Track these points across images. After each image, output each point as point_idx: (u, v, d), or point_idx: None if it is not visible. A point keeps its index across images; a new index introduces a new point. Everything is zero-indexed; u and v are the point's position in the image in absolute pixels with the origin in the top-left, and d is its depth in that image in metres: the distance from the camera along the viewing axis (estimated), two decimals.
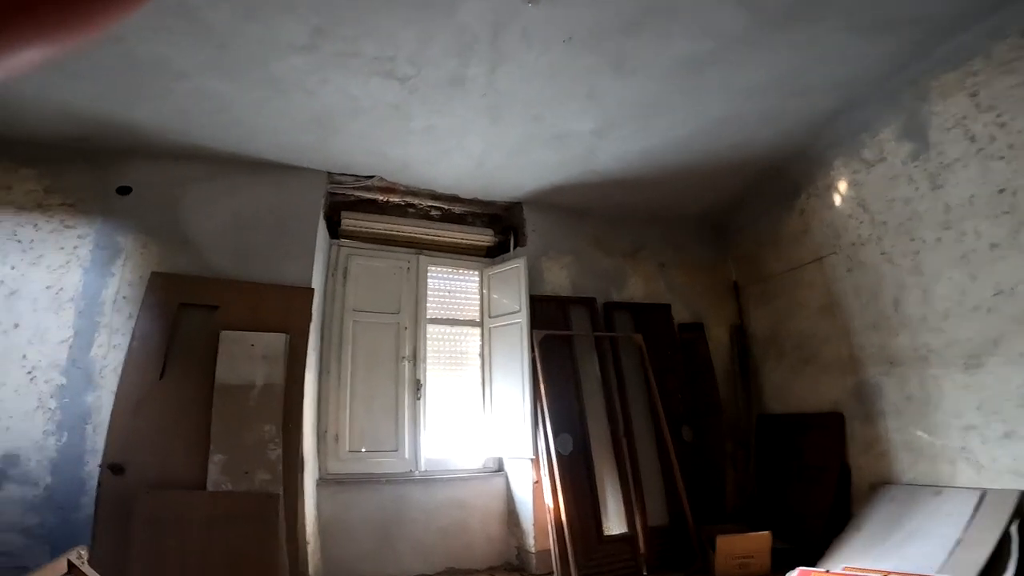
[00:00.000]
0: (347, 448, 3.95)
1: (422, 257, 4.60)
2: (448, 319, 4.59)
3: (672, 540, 3.98)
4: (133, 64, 2.72)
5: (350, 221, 4.29)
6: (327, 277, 4.18)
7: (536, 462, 3.94)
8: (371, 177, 4.14)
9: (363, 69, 2.94)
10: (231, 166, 3.72)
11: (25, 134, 3.26)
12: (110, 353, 3.25)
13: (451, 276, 4.72)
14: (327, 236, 4.18)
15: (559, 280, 4.61)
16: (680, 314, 4.97)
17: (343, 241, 4.34)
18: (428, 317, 4.47)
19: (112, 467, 2.97)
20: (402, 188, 4.36)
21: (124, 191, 3.48)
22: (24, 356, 3.13)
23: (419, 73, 3.01)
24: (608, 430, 4.16)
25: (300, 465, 3.30)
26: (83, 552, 2.10)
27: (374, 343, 4.21)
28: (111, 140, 3.37)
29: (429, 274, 4.59)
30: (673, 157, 4.13)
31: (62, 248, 3.28)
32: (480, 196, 4.62)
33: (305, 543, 3.21)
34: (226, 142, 3.53)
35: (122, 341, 3.26)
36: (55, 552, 2.96)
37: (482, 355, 4.53)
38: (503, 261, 4.59)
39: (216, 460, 3.06)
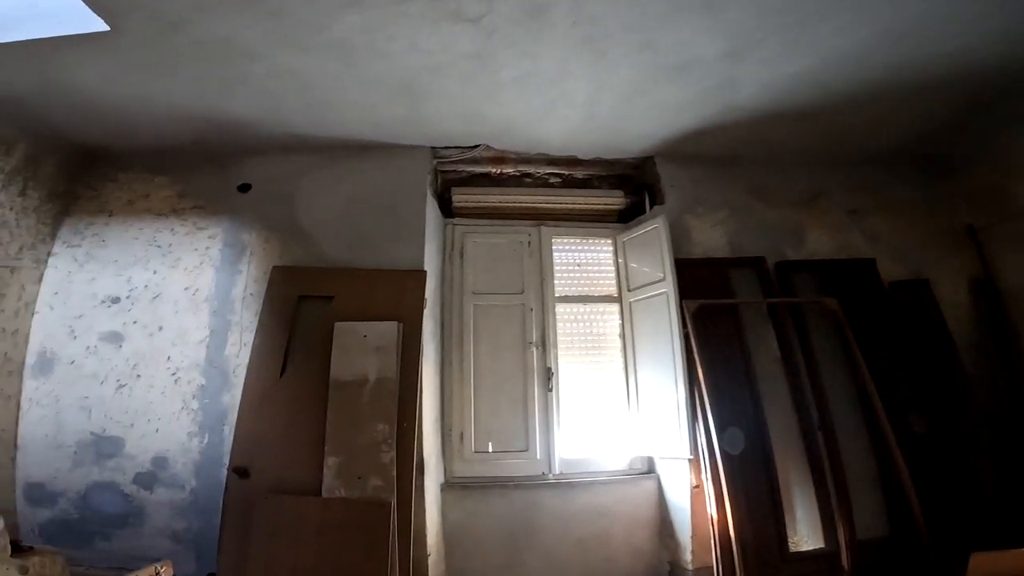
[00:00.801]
0: (472, 448, 3.50)
1: (544, 228, 3.99)
2: (580, 296, 3.92)
3: (894, 557, 2.92)
4: (202, 50, 2.55)
5: (462, 197, 3.86)
6: (443, 260, 3.80)
7: (695, 463, 3.12)
8: (476, 147, 3.68)
9: (427, 14, 2.43)
10: (337, 152, 3.53)
11: (154, 143, 3.36)
12: (242, 351, 3.20)
13: (580, 247, 4.05)
14: (439, 216, 3.81)
15: (712, 240, 3.70)
16: (889, 270, 3.71)
17: (456, 220, 3.93)
18: (556, 295, 3.85)
19: (237, 470, 2.86)
20: (512, 156, 3.84)
21: (244, 188, 3.46)
22: (168, 358, 3.21)
23: (490, 8, 2.43)
24: (795, 421, 3.16)
25: (418, 468, 2.92)
26: (161, 569, 1.88)
27: (497, 328, 3.71)
28: (224, 139, 3.34)
29: (554, 247, 3.97)
30: (847, 78, 3.00)
31: (196, 249, 3.33)
32: (602, 154, 3.91)
33: (425, 555, 2.81)
34: (324, 127, 3.32)
35: (252, 339, 3.19)
36: (201, 559, 2.94)
37: (623, 335, 3.79)
38: (638, 224, 3.81)
39: (330, 464, 2.80)
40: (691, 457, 3.10)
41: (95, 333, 3.22)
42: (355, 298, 3.19)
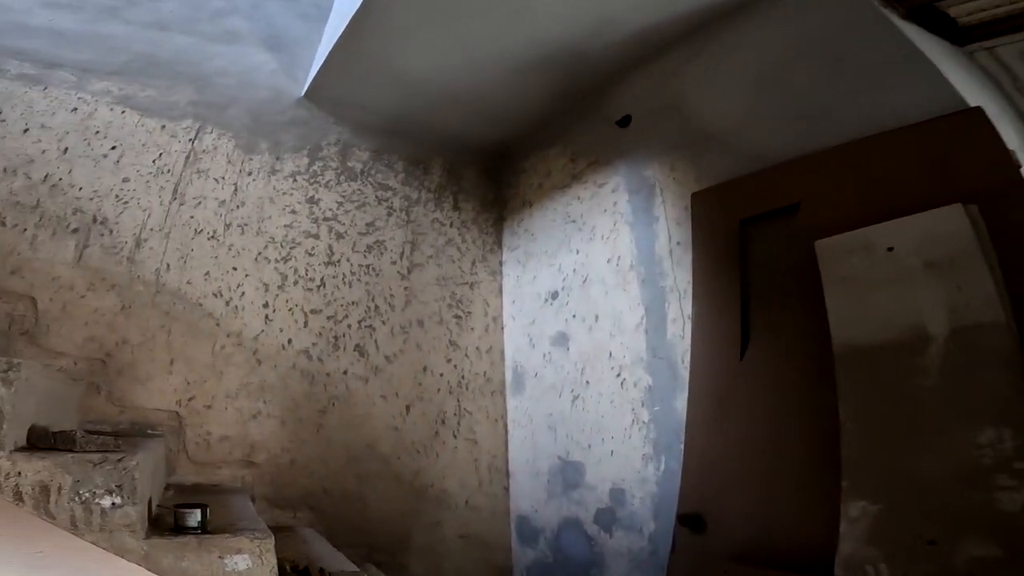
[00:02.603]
0: None
1: None
2: None
3: None
4: None
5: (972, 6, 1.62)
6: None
7: None
8: None
9: None
10: (708, 28, 2.05)
11: (535, 116, 2.74)
12: (686, 329, 2.04)
13: None
14: (939, 44, 1.67)
15: None
16: None
17: (984, 43, 1.66)
18: None
19: (685, 519, 1.64)
20: None
21: (624, 122, 2.42)
22: (610, 354, 2.36)
23: None
24: None
25: None
26: None
27: None
28: (576, 76, 2.41)
29: None
30: None
31: (604, 210, 2.47)
32: None
33: None
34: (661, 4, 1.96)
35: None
36: None
37: None
38: None
39: (855, 513, 1.21)
40: None
41: (546, 337, 2.74)
42: (838, 192, 1.57)
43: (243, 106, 2.50)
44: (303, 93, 2.56)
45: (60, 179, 2.15)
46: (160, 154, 2.33)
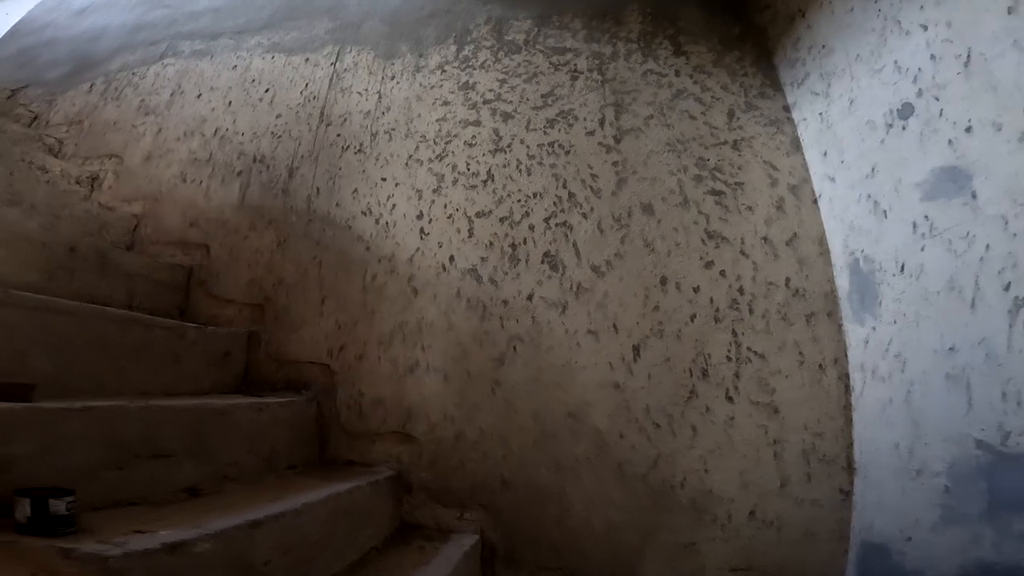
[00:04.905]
0: None
1: None
2: None
3: None
4: None
5: None
6: None
7: None
8: None
9: None
10: None
11: None
12: None
13: None
14: None
15: None
16: None
17: None
18: None
19: None
20: None
21: None
22: None
23: None
24: None
25: None
26: None
27: None
28: None
29: None
30: None
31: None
32: None
33: None
34: None
35: None
36: None
37: None
38: None
39: None
40: None
41: (910, 189, 1.23)
42: None
43: (378, 17, 2.19)
44: None
45: (227, 129, 2.05)
46: (306, 84, 2.10)
